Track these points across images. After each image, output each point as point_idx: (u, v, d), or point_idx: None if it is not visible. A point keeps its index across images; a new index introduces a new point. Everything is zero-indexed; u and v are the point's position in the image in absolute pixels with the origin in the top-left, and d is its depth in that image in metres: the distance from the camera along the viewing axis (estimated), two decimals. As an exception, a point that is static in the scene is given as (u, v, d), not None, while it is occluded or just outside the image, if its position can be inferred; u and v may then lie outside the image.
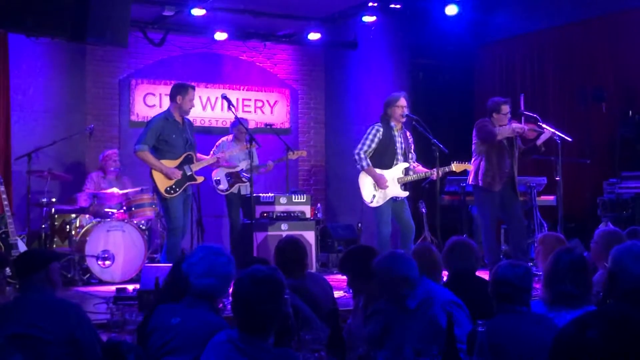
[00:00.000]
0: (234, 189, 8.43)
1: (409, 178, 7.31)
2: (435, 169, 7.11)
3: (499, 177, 7.34)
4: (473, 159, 7.55)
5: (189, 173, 7.10)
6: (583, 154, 8.98)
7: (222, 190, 8.44)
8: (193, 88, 7.21)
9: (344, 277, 4.32)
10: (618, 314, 1.87)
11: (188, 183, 7.11)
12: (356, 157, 7.24)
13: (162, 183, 6.97)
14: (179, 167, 7.05)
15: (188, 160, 7.12)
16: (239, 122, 7.96)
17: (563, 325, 2.11)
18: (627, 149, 8.80)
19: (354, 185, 7.63)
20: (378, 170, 7.22)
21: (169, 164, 7.01)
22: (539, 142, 7.34)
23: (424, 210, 9.07)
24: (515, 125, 7.31)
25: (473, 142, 7.60)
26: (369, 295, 4.13)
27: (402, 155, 7.34)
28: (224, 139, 8.73)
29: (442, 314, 3.49)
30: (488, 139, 7.34)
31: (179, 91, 7.12)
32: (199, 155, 7.39)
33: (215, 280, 3.39)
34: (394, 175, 7.27)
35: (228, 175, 8.38)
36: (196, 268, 3.40)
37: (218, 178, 8.42)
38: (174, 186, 6.99)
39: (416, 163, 7.44)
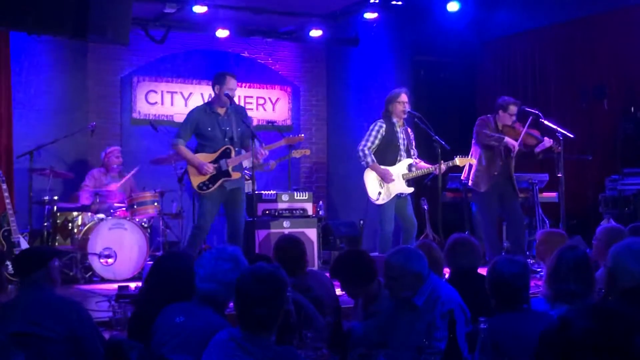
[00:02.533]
0: None
1: (412, 174, 7.31)
2: (437, 165, 7.11)
3: (487, 179, 7.45)
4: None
5: (224, 168, 6.72)
6: (585, 150, 8.97)
7: None
8: (233, 76, 6.82)
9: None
10: (603, 309, 1.87)
11: (223, 179, 6.71)
12: (360, 153, 7.23)
13: (196, 179, 6.67)
14: (215, 161, 6.71)
15: (225, 154, 6.75)
16: None
17: (551, 321, 2.11)
18: (629, 145, 8.79)
19: (356, 183, 7.62)
20: (382, 167, 7.22)
21: (206, 158, 6.69)
22: (538, 149, 7.42)
23: (426, 207, 9.07)
24: (508, 139, 7.37)
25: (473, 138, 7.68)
26: (368, 296, 4.14)
27: (405, 151, 7.34)
28: None
29: (442, 314, 3.51)
30: (478, 138, 7.50)
31: (217, 80, 6.77)
32: (251, 146, 6.89)
33: (217, 286, 3.31)
34: (398, 171, 7.26)
35: None
36: (200, 271, 3.36)
37: None
38: (207, 182, 6.67)
39: (418, 159, 7.45)
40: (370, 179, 7.25)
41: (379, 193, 7.20)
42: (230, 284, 3.25)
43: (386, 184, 7.20)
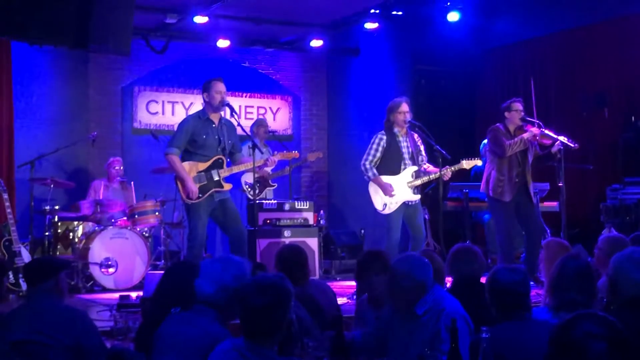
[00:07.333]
0: (263, 195, 8.39)
1: (419, 181, 7.24)
2: (446, 168, 7.08)
3: (510, 187, 7.30)
4: (486, 165, 7.54)
5: (216, 178, 6.51)
6: (586, 159, 8.96)
7: (253, 195, 8.26)
8: (219, 79, 6.61)
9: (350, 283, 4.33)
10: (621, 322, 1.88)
11: (214, 189, 6.49)
12: (362, 168, 7.24)
13: (185, 188, 6.47)
14: (207, 170, 6.52)
15: (217, 165, 6.55)
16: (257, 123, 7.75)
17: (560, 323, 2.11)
18: (630, 154, 8.78)
19: (356, 192, 7.61)
20: (386, 178, 7.19)
21: (196, 166, 6.49)
22: (555, 149, 7.28)
23: (426, 216, 9.04)
24: (526, 135, 7.27)
25: (487, 149, 7.60)
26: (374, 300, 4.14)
27: (410, 159, 7.28)
28: None
29: (447, 326, 3.49)
30: (498, 152, 7.31)
31: (204, 88, 6.59)
32: (244, 158, 6.85)
33: (208, 283, 3.28)
34: (403, 180, 7.22)
35: (257, 180, 8.17)
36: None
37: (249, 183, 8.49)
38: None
39: (427, 164, 7.38)
40: (375, 191, 7.24)
41: (384, 204, 7.18)
42: (213, 279, 3.26)
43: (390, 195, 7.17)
